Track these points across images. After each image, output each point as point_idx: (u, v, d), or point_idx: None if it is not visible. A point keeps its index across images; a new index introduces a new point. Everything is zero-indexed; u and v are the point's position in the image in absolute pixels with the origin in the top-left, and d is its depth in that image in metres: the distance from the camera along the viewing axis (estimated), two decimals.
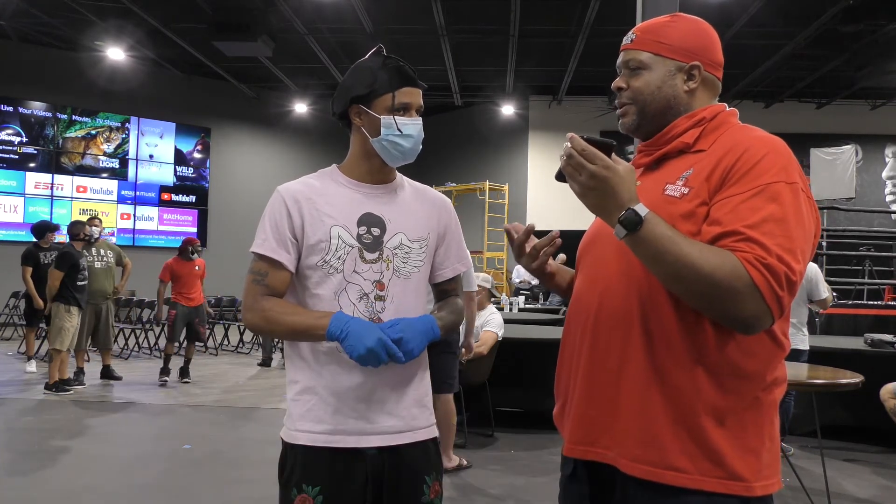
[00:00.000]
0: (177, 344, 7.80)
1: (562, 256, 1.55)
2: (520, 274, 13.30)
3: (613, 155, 1.21)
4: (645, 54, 1.36)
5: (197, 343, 7.98)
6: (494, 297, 4.91)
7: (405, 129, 1.58)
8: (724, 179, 1.23)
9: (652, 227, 1.17)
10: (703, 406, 1.22)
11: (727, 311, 1.16)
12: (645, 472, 1.25)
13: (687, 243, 1.17)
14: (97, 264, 7.30)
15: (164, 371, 7.49)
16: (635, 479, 1.26)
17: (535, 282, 13.16)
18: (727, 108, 1.38)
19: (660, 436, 1.24)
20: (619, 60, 1.40)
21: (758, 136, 1.27)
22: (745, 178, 1.21)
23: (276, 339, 8.50)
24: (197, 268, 7.64)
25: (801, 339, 4.86)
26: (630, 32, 1.40)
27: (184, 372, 7.58)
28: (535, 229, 1.45)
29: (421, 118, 1.62)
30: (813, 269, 4.88)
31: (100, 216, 8.40)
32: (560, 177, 1.27)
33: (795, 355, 4.77)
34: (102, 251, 7.44)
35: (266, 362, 8.90)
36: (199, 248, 7.75)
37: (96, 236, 7.38)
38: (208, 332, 9.08)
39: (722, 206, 1.21)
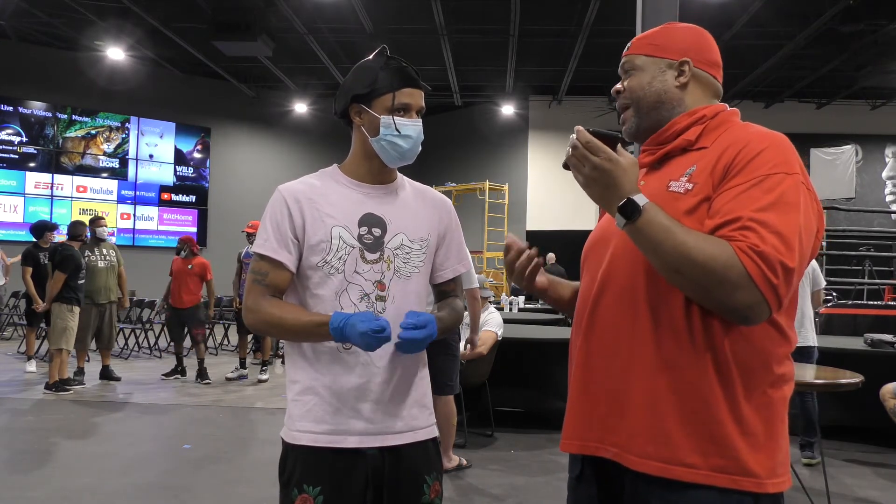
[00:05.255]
0: (184, 346, 7.87)
1: (550, 256, 1.58)
2: None
3: (619, 147, 1.25)
4: (640, 58, 1.43)
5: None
6: (484, 297, 4.95)
7: (404, 130, 1.58)
8: (725, 173, 1.25)
9: (650, 216, 1.20)
10: (715, 401, 1.22)
11: (722, 301, 1.17)
12: (655, 468, 1.24)
13: (684, 233, 1.19)
14: (101, 263, 7.35)
15: (175, 370, 7.76)
16: (645, 476, 1.26)
17: None
18: (728, 108, 1.40)
19: (671, 431, 1.23)
20: (619, 69, 1.48)
21: (759, 131, 1.30)
22: (745, 169, 1.23)
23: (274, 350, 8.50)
24: (190, 266, 7.59)
25: (804, 336, 4.64)
26: (629, 42, 1.48)
27: (201, 374, 7.53)
28: (534, 229, 1.47)
29: (421, 120, 1.62)
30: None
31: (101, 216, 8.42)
32: (567, 165, 1.31)
33: (803, 353, 4.55)
34: (106, 251, 7.49)
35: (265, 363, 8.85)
36: (188, 247, 7.70)
37: (104, 237, 7.50)
38: (208, 331, 9.05)
39: (722, 197, 1.23)
